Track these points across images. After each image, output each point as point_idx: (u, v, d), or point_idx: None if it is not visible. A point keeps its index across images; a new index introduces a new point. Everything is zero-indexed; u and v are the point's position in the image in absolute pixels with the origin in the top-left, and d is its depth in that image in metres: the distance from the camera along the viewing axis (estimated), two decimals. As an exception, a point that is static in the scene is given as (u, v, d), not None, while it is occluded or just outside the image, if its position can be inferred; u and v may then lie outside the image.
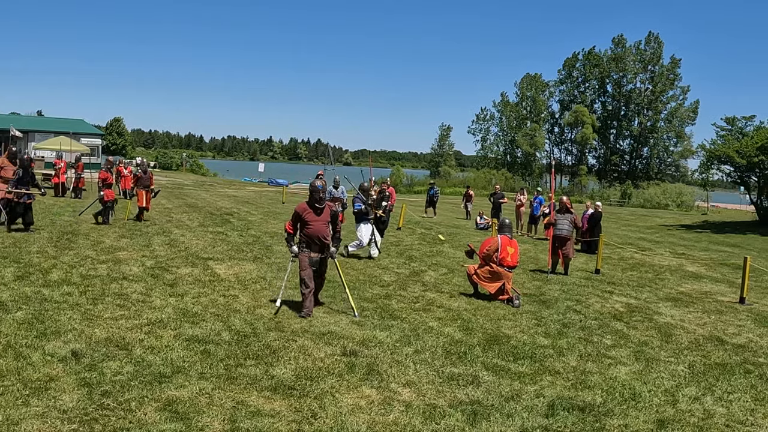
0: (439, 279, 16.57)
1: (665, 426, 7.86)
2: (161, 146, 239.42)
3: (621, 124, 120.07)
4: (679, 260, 24.66)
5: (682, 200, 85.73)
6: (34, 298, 11.46)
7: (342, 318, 11.77)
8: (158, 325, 10.40)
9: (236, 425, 6.94)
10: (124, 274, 14.22)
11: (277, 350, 9.57)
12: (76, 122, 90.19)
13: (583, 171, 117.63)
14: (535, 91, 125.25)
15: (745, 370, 10.55)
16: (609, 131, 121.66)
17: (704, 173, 52.17)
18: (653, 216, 58.29)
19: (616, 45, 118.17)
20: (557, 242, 18.81)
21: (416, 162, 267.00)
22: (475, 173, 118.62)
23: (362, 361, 9.35)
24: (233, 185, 68.44)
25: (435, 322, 12.00)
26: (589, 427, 7.63)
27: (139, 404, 7.25)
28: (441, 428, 7.29)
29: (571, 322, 12.96)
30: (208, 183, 66.10)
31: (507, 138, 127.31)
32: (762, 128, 47.53)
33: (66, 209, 27.02)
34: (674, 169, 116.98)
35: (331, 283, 14.82)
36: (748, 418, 8.35)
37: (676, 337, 12.41)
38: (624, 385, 9.28)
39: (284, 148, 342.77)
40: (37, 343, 9.00)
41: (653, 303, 15.60)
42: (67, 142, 50.25)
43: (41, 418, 6.74)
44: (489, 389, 8.67)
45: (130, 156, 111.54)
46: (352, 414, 7.47)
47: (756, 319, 14.57)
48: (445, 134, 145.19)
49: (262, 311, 11.72)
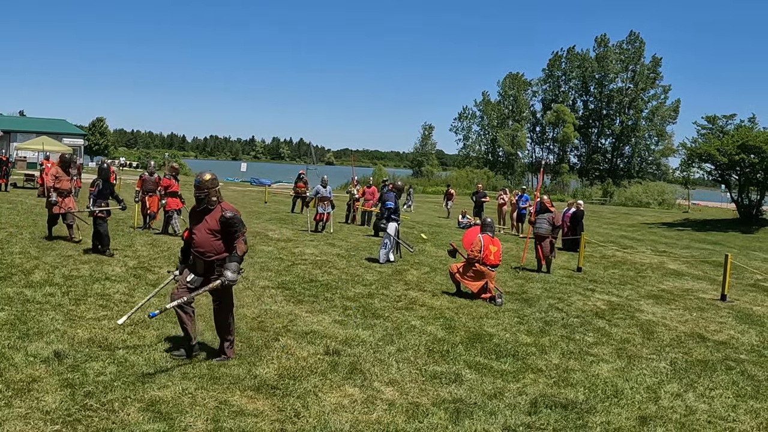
0: (422, 278, 16.59)
1: (647, 423, 7.91)
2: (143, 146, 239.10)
3: (603, 123, 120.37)
4: (661, 258, 24.77)
5: (663, 198, 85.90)
6: (16, 299, 11.40)
7: (324, 317, 11.77)
8: (141, 325, 10.36)
9: (219, 425, 6.93)
10: (107, 274, 14.17)
11: (259, 350, 9.57)
12: (59, 122, 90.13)
13: (564, 170, 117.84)
14: (517, 90, 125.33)
15: (727, 366, 10.63)
16: (590, 130, 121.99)
17: (685, 171, 52.32)
18: (635, 214, 58.44)
19: (599, 44, 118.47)
20: (537, 240, 19.13)
21: (399, 161, 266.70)
22: (458, 172, 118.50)
23: (345, 360, 9.36)
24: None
25: (418, 321, 12.02)
26: (572, 425, 7.67)
27: (122, 404, 7.23)
28: (424, 427, 7.31)
29: (553, 320, 13.01)
30: (191, 183, 65.80)
31: (489, 137, 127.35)
32: (742, 126, 47.77)
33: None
34: (655, 167, 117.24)
35: (314, 282, 14.88)
36: (730, 414, 8.41)
37: (657, 334, 12.48)
38: (606, 382, 9.32)
39: (267, 147, 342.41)
40: (19, 344, 8.96)
41: (635, 300, 15.68)
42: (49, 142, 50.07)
43: (24, 419, 6.72)
44: (472, 387, 8.69)
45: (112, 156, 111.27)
46: (335, 413, 7.48)
47: (737, 316, 14.67)
48: (427, 133, 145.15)
49: (244, 311, 11.69)
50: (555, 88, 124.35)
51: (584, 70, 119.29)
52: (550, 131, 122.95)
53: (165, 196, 21.38)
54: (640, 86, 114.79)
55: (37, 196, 34.22)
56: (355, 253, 19.92)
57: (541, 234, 18.96)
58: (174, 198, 21.47)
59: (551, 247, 18.92)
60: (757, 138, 41.92)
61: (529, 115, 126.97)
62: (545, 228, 18.91)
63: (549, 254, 18.88)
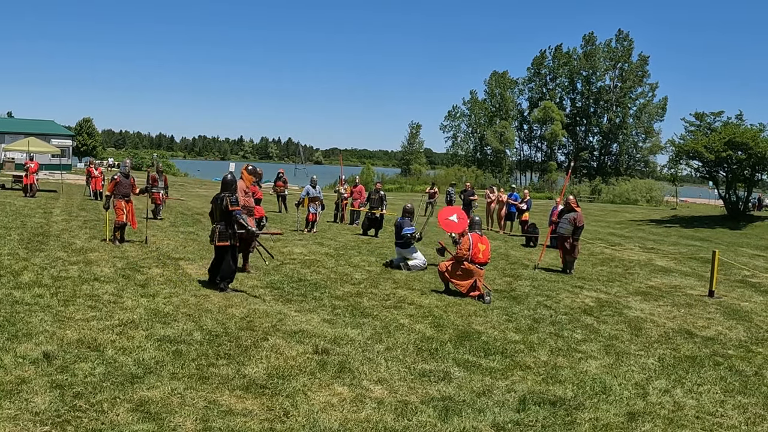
0: (410, 276, 16.61)
1: (636, 419, 7.94)
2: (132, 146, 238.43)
3: (590, 120, 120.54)
4: (649, 255, 24.87)
5: (651, 195, 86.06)
6: (5, 300, 11.36)
7: (313, 317, 11.77)
8: (130, 325, 10.36)
9: (208, 425, 6.93)
10: (96, 275, 14.13)
11: (248, 349, 9.57)
12: (47, 123, 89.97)
13: (552, 167, 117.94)
14: (503, 89, 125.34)
15: (715, 362, 10.69)
16: (578, 128, 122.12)
17: (673, 168, 52.42)
18: (623, 211, 58.61)
19: (587, 42, 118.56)
20: (558, 241, 19.53)
21: (387, 160, 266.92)
22: (446, 170, 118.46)
23: (334, 359, 9.37)
24: (204, 185, 68.07)
25: (406, 319, 12.04)
26: (561, 421, 7.70)
27: (112, 405, 7.22)
28: (413, 424, 7.33)
29: (541, 317, 13.05)
30: (179, 183, 65.68)
31: (477, 135, 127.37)
32: (730, 123, 47.93)
33: (37, 210, 26.84)
34: (643, 164, 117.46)
35: (303, 281, 14.88)
36: (718, 410, 8.46)
37: (646, 330, 12.54)
38: (594, 378, 9.36)
39: (255, 147, 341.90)
40: (8, 346, 8.93)
41: (623, 297, 15.74)
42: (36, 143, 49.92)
43: (13, 420, 6.71)
44: (460, 385, 8.72)
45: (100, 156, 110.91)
46: (324, 412, 7.49)
47: (725, 311, 14.74)
48: (415, 132, 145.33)
49: (233, 311, 11.69)
50: (542, 85, 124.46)
51: (571, 68, 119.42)
52: (537, 129, 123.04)
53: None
54: (628, 84, 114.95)
55: (23, 196, 34.20)
56: (343, 253, 19.93)
57: (561, 234, 19.21)
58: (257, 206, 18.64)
59: (572, 248, 18.97)
60: (744, 135, 42.12)
61: (516, 114, 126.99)
62: (565, 228, 19.03)
63: (571, 255, 18.96)
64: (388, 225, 27.18)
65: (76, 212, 27.52)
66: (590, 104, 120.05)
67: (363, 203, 28.43)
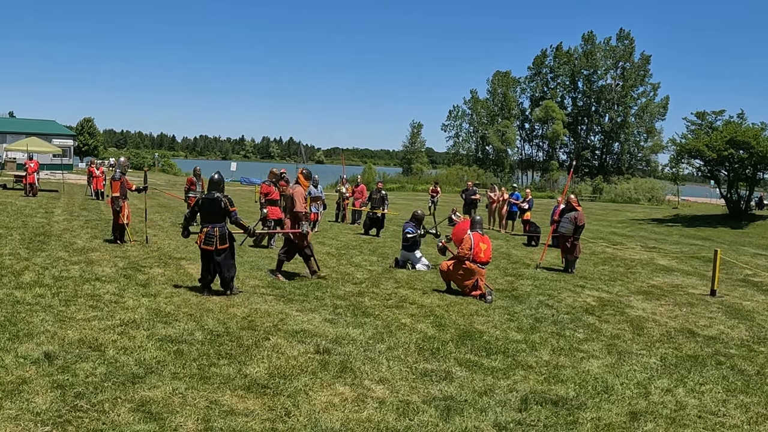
0: (412, 276, 16.59)
1: (638, 418, 7.92)
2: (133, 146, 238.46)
3: (592, 119, 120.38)
4: (651, 254, 24.84)
5: (653, 195, 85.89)
6: (6, 300, 11.37)
7: (315, 316, 11.76)
8: (131, 325, 10.35)
9: (210, 425, 6.92)
10: (97, 275, 14.14)
11: (250, 349, 9.56)
12: (48, 123, 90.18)
13: (554, 167, 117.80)
14: (506, 88, 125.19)
15: (717, 361, 10.66)
16: (579, 127, 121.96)
17: (675, 167, 52.28)
18: (624, 210, 58.53)
19: (586, 42, 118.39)
20: (560, 240, 19.56)
21: (388, 159, 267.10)
22: (447, 170, 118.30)
23: (335, 359, 9.36)
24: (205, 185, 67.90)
25: (408, 319, 12.03)
26: (563, 421, 7.68)
27: (113, 405, 7.21)
28: (414, 424, 7.31)
29: (543, 316, 13.03)
30: (180, 183, 65.61)
31: (478, 135, 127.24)
32: (731, 122, 47.80)
33: (38, 210, 26.85)
34: (645, 164, 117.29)
35: (304, 281, 14.85)
36: (720, 409, 8.43)
37: (647, 330, 12.51)
38: (596, 378, 9.34)
39: (256, 146, 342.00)
40: (9, 346, 8.93)
41: (625, 296, 15.72)
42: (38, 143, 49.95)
43: (14, 420, 6.70)
44: (462, 385, 8.70)
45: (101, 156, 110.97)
46: (326, 411, 7.47)
47: (727, 311, 14.72)
48: (416, 131, 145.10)
49: (235, 310, 11.69)
50: (543, 84, 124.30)
51: (572, 67, 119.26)
52: (539, 128, 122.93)
53: (266, 205, 20.09)
54: (630, 83, 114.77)
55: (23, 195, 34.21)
56: (345, 252, 19.94)
57: (562, 233, 19.22)
58: (274, 206, 20.14)
59: (573, 248, 18.96)
60: (745, 134, 42.01)
61: (518, 113, 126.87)
62: (567, 227, 19.03)
63: (572, 254, 18.95)
64: (390, 224, 27.21)
65: (77, 212, 27.57)
66: (591, 103, 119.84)
67: (364, 203, 28.46)
